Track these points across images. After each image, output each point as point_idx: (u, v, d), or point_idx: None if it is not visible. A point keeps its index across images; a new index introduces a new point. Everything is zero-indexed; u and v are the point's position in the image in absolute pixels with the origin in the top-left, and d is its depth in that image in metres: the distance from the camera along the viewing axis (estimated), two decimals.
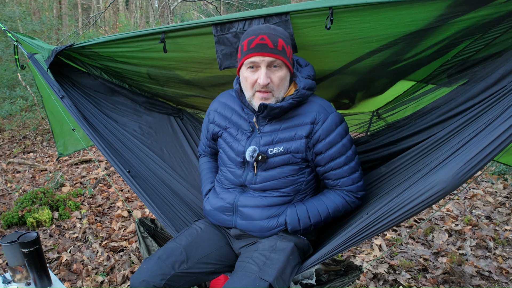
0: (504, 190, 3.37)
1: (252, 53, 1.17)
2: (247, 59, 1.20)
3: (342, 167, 1.29)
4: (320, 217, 1.30)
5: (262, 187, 1.32)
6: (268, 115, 1.26)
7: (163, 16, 9.70)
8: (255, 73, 1.21)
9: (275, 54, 1.17)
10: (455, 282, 2.13)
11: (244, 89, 1.28)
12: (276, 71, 1.20)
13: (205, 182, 1.53)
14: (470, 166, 0.88)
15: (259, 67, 1.20)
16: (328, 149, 1.27)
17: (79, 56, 1.78)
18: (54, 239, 2.82)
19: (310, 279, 1.45)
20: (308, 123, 1.26)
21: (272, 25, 1.23)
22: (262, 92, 1.22)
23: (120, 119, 1.96)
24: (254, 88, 1.23)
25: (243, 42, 1.21)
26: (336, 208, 1.31)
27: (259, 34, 1.17)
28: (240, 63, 1.24)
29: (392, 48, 1.30)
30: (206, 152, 1.63)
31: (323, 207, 1.31)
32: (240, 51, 1.23)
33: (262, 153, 1.27)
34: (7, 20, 7.31)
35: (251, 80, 1.22)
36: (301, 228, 1.29)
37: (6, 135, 6.34)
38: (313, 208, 1.30)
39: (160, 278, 1.19)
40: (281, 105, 1.23)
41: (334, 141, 1.26)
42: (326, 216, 1.31)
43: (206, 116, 1.50)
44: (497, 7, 1.05)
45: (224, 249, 1.39)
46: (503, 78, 1.11)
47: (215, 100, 1.48)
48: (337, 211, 1.32)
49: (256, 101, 1.26)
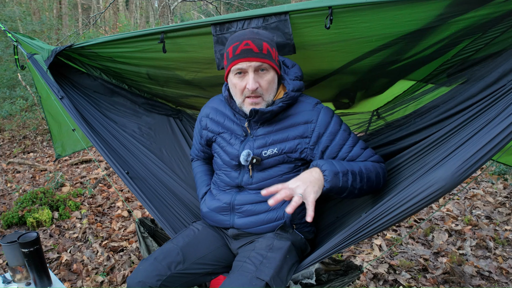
0: (504, 190, 3.37)
1: (238, 59, 1.17)
2: (234, 65, 1.19)
3: (354, 147, 1.27)
4: (361, 172, 1.18)
5: (258, 186, 1.33)
6: (259, 119, 1.27)
7: (163, 16, 9.71)
8: (243, 79, 1.21)
9: (261, 58, 1.16)
10: (455, 282, 2.13)
11: (234, 96, 1.28)
12: (263, 75, 1.21)
13: (201, 185, 1.54)
14: (469, 165, 0.88)
15: (247, 73, 1.20)
16: (332, 139, 1.27)
17: (78, 56, 1.78)
18: (54, 239, 2.82)
19: (310, 279, 1.45)
20: (301, 123, 1.27)
21: (255, 29, 1.24)
22: (252, 97, 1.22)
23: (119, 120, 1.96)
24: (243, 94, 1.23)
25: (228, 49, 1.20)
26: (367, 168, 1.20)
27: (243, 40, 1.16)
28: (227, 70, 1.24)
29: (392, 47, 1.30)
30: (199, 157, 1.63)
31: (356, 166, 1.20)
32: (226, 58, 1.23)
33: (256, 156, 1.28)
34: (7, 20, 7.32)
35: (240, 87, 1.22)
36: (341, 184, 1.13)
37: (6, 135, 6.34)
38: (348, 164, 1.19)
39: (156, 278, 1.19)
40: (272, 109, 1.24)
41: (334, 131, 1.27)
42: (368, 174, 1.19)
43: (198, 122, 1.50)
44: (497, 7, 1.05)
45: (221, 250, 1.39)
46: (502, 77, 1.11)
47: (206, 106, 1.48)
48: (369, 172, 1.20)
49: (246, 107, 1.26)
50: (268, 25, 1.27)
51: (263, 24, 1.28)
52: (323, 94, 1.81)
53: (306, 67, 1.47)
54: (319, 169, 1.14)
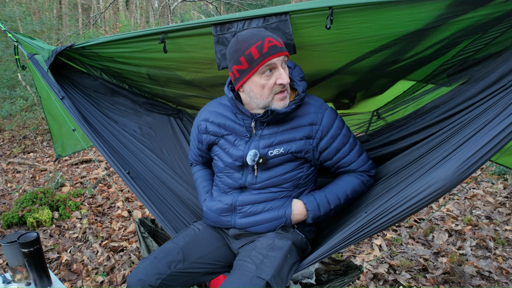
0: (504, 190, 3.37)
1: (269, 56, 1.16)
2: (266, 62, 1.16)
3: (349, 154, 1.35)
4: (339, 200, 1.34)
5: (262, 185, 1.33)
6: (272, 120, 1.27)
7: (163, 16, 9.71)
8: (271, 77, 1.20)
9: (285, 51, 1.19)
10: (455, 282, 2.13)
11: (257, 98, 1.24)
12: (285, 69, 1.22)
13: (202, 191, 1.53)
14: (469, 165, 0.88)
15: (275, 69, 1.19)
16: (331, 143, 1.32)
17: (79, 56, 1.78)
18: (54, 239, 2.82)
19: (310, 279, 1.46)
20: (306, 124, 1.29)
21: (261, 28, 1.25)
22: (283, 92, 1.23)
23: (120, 120, 1.96)
24: (273, 91, 1.22)
25: (249, 49, 1.16)
26: (354, 189, 1.36)
27: (264, 37, 1.16)
28: (253, 71, 1.18)
29: (392, 48, 1.30)
30: (198, 161, 1.62)
31: (341, 190, 1.35)
32: (248, 60, 1.17)
33: (262, 156, 1.28)
34: (7, 20, 7.31)
35: (269, 85, 1.20)
36: (322, 214, 1.32)
37: (6, 135, 6.34)
38: (331, 193, 1.35)
39: (156, 277, 1.19)
40: (286, 111, 1.25)
41: (335, 134, 1.31)
42: (345, 199, 1.35)
43: (195, 127, 1.48)
44: (497, 7, 1.05)
45: (222, 250, 1.40)
46: (502, 77, 1.11)
47: (204, 110, 1.46)
48: (354, 192, 1.36)
49: (276, 103, 1.24)
50: (268, 25, 1.27)
51: (264, 24, 1.28)
52: (323, 94, 1.81)
53: (306, 68, 1.47)
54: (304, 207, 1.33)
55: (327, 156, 1.34)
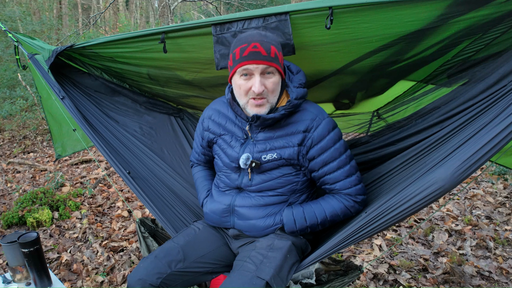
0: (504, 190, 3.37)
1: (246, 61, 1.16)
2: (241, 67, 1.18)
3: (336, 171, 1.28)
4: (316, 219, 1.29)
5: (258, 188, 1.33)
6: (261, 125, 1.28)
7: (163, 16, 9.71)
8: (248, 81, 1.20)
9: (268, 61, 1.16)
10: (455, 282, 2.13)
11: (238, 97, 1.27)
12: (269, 78, 1.20)
13: (201, 190, 1.53)
14: (469, 165, 0.88)
15: (253, 75, 1.19)
16: (320, 154, 1.27)
17: (79, 56, 1.78)
18: (54, 239, 2.82)
19: (310, 279, 1.46)
20: (301, 131, 1.27)
21: (263, 31, 1.23)
22: (257, 99, 1.22)
23: (120, 119, 1.96)
24: (248, 95, 1.23)
25: (235, 50, 1.19)
26: (334, 211, 1.29)
27: (252, 42, 1.16)
28: (233, 71, 1.23)
29: (392, 48, 1.30)
30: (199, 161, 1.62)
31: (320, 209, 1.30)
32: (232, 59, 1.22)
33: (255, 160, 1.28)
34: (7, 20, 7.32)
35: (245, 88, 1.22)
36: (298, 229, 1.29)
37: (6, 135, 6.34)
38: (310, 210, 1.30)
39: (157, 276, 1.20)
40: (274, 116, 1.24)
41: (326, 146, 1.26)
42: (323, 219, 1.29)
43: (200, 123, 1.49)
44: (497, 7, 1.05)
45: (221, 249, 1.40)
46: (503, 78, 1.11)
47: (209, 108, 1.47)
48: (335, 215, 1.29)
49: (250, 108, 1.25)
50: (268, 25, 1.27)
51: (263, 24, 1.28)
52: (323, 94, 1.81)
53: (306, 68, 1.47)
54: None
55: (313, 166, 1.29)
